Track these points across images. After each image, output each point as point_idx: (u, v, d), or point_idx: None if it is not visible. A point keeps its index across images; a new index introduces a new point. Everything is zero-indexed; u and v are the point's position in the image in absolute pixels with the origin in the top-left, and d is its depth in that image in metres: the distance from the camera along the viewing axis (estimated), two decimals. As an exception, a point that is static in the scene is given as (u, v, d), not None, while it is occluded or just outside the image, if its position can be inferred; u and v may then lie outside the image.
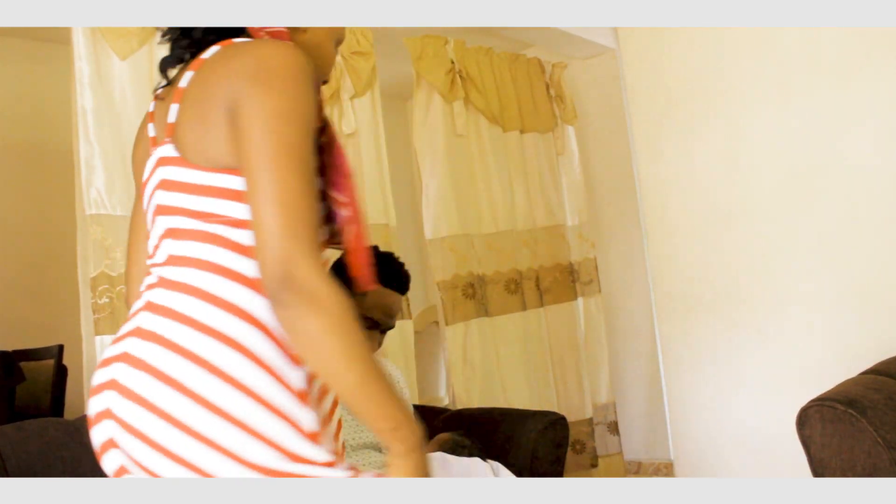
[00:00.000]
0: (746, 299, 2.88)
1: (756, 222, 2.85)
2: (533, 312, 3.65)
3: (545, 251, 3.77)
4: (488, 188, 3.52)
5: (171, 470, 1.03)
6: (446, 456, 1.83)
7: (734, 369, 2.91)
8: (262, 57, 1.11)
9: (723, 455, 2.95)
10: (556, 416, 2.17)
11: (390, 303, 2.00)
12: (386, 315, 1.99)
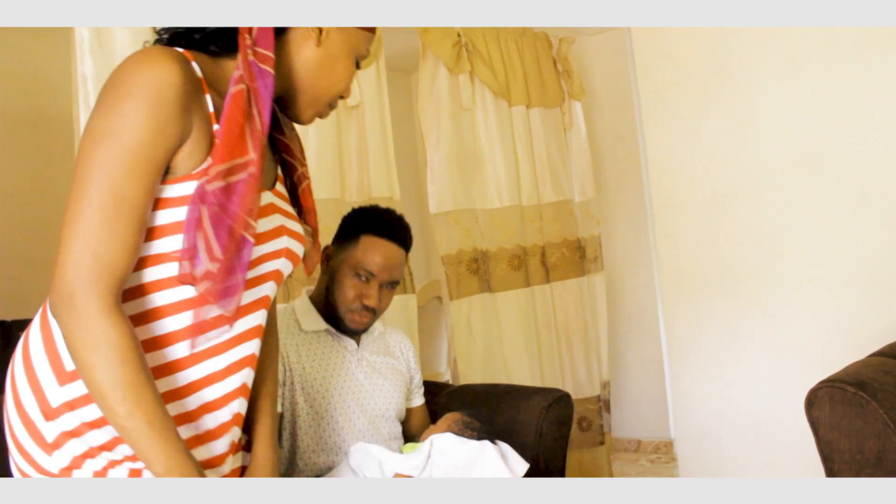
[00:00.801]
0: (753, 280, 2.85)
1: (764, 202, 2.81)
2: (538, 289, 3.63)
3: (552, 227, 3.74)
4: (493, 163, 3.48)
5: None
6: (455, 437, 1.80)
7: (739, 350, 2.89)
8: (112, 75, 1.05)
9: (724, 435, 2.93)
10: (561, 393, 2.15)
11: (386, 253, 1.92)
12: (383, 268, 1.91)
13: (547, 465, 2.05)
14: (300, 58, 1.21)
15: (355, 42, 1.25)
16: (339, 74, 1.24)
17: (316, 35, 1.20)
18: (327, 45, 1.21)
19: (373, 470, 1.76)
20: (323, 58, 1.21)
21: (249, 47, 1.10)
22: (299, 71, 1.21)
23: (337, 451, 1.87)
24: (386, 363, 2.04)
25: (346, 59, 1.24)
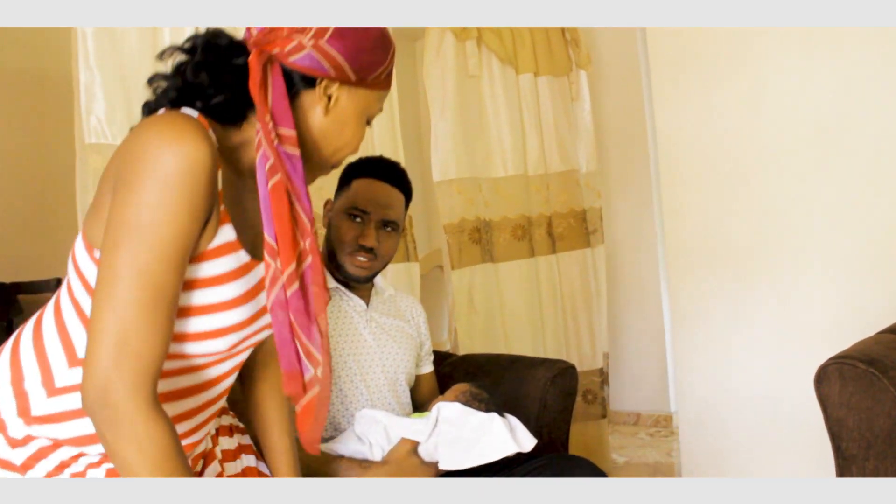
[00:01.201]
0: (761, 255, 2.81)
1: (775, 177, 2.77)
2: (543, 259, 3.60)
3: (559, 197, 3.70)
4: (499, 131, 3.44)
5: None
6: (462, 407, 1.78)
7: (745, 326, 2.86)
8: (134, 145, 0.99)
9: (727, 410, 2.91)
10: (566, 365, 2.12)
11: (378, 191, 1.89)
12: (376, 206, 1.87)
13: (551, 437, 2.03)
14: (307, 125, 1.15)
15: (366, 104, 1.19)
16: (348, 139, 1.20)
17: (325, 102, 1.15)
18: (336, 111, 1.16)
19: (378, 436, 1.74)
20: (332, 124, 1.16)
21: (272, 130, 1.06)
22: (306, 138, 1.16)
23: (343, 412, 1.84)
24: (396, 326, 2.02)
25: (356, 123, 1.19)
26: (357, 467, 1.68)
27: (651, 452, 3.88)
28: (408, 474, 1.69)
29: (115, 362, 0.95)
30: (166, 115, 1.03)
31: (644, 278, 4.44)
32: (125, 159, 0.99)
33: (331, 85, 1.14)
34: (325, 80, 1.13)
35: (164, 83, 1.12)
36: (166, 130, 0.98)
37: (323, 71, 1.11)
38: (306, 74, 1.11)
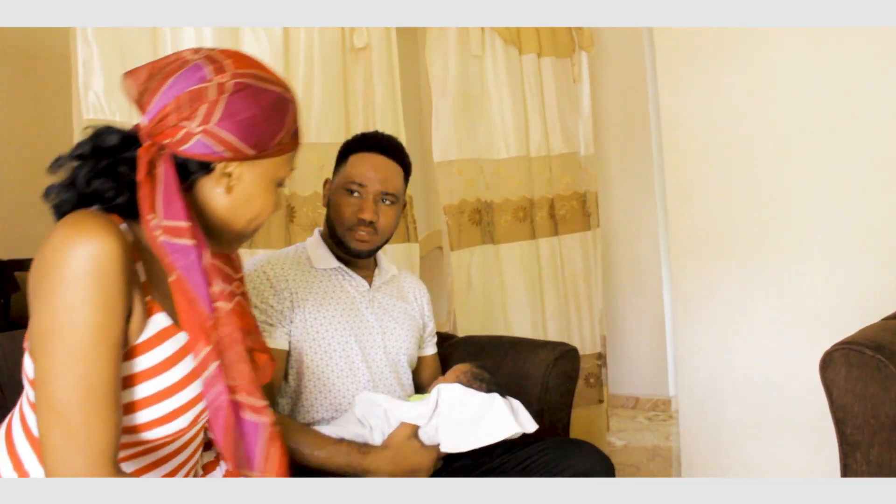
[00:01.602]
0: (764, 240, 2.79)
1: (780, 160, 2.75)
2: (545, 241, 3.58)
3: (561, 179, 3.68)
4: (501, 112, 3.41)
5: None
6: (463, 388, 1.76)
7: (747, 310, 2.84)
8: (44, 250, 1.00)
9: (728, 395, 2.90)
10: (568, 347, 2.10)
11: (375, 164, 1.86)
12: (373, 179, 1.84)
13: (552, 420, 2.01)
14: (212, 207, 1.16)
15: (272, 173, 1.18)
16: (259, 210, 1.19)
17: (226, 182, 1.14)
18: (240, 188, 1.15)
19: (378, 419, 1.73)
20: (238, 201, 1.16)
21: (157, 227, 1.05)
22: (215, 218, 1.17)
23: (345, 392, 1.82)
24: (398, 307, 2.00)
25: (264, 193, 1.18)
26: (356, 452, 1.66)
27: (649, 436, 3.88)
28: (408, 458, 1.68)
29: (66, 460, 0.97)
30: (73, 217, 1.03)
31: (644, 262, 4.43)
32: (37, 266, 1.00)
33: (228, 165, 1.13)
34: (222, 161, 1.12)
35: (62, 195, 1.10)
36: (72, 232, 0.99)
37: (217, 154, 1.10)
38: (205, 161, 1.11)
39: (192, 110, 1.08)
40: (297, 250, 1.94)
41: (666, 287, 4.32)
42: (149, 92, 1.11)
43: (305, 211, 2.61)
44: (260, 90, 1.12)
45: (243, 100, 1.10)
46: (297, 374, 1.81)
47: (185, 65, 1.10)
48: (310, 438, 1.67)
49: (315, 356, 1.81)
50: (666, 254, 4.29)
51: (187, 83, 1.08)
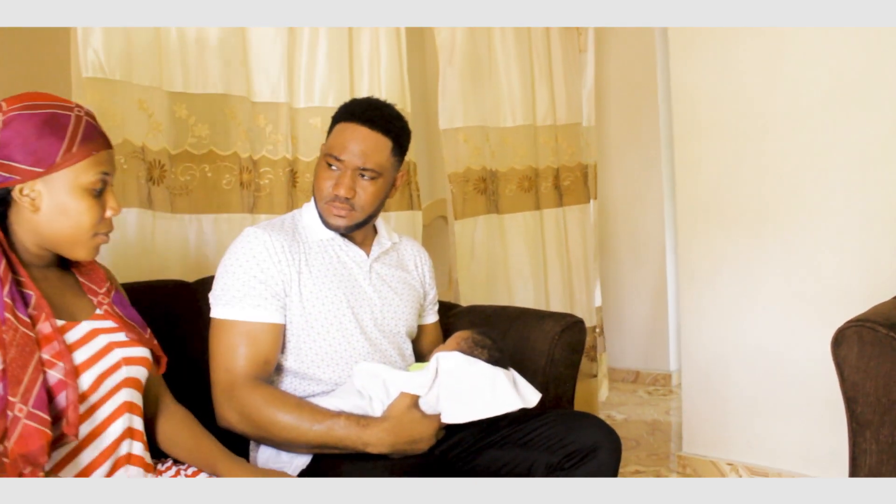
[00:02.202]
0: (774, 214, 2.75)
1: (792, 133, 2.69)
2: (549, 212, 3.55)
3: (567, 150, 3.64)
4: (509, 81, 3.36)
5: None
6: (462, 356, 1.72)
7: (755, 285, 2.81)
8: None
9: (733, 370, 2.87)
10: (575, 319, 2.06)
11: (356, 137, 1.75)
12: (352, 153, 1.74)
13: (557, 393, 1.98)
14: (32, 225, 1.30)
15: (72, 182, 1.29)
16: (77, 217, 1.30)
17: (28, 202, 1.27)
18: (45, 204, 1.28)
19: (378, 390, 1.69)
20: (48, 216, 1.29)
21: None
22: (41, 232, 1.30)
23: (343, 366, 1.78)
24: (398, 277, 1.94)
25: (73, 201, 1.29)
26: (355, 425, 1.63)
27: (650, 410, 3.87)
28: (408, 429, 1.65)
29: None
30: None
31: (647, 235, 4.39)
32: None
33: (23, 187, 1.26)
34: (16, 186, 1.26)
35: None
36: None
37: (10, 180, 1.25)
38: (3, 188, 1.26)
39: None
40: (294, 218, 1.88)
41: (670, 260, 4.28)
42: None
43: (308, 176, 2.56)
44: (28, 116, 1.25)
45: (12, 129, 1.24)
46: (294, 348, 1.77)
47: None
48: (307, 413, 1.63)
49: (312, 330, 1.76)
50: (671, 226, 4.24)
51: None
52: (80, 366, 1.29)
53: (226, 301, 1.71)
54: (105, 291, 1.44)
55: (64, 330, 1.30)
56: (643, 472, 3.05)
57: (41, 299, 1.27)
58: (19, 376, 1.18)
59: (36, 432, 1.16)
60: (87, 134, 1.30)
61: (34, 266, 1.34)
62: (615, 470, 1.71)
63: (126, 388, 1.37)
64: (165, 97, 2.26)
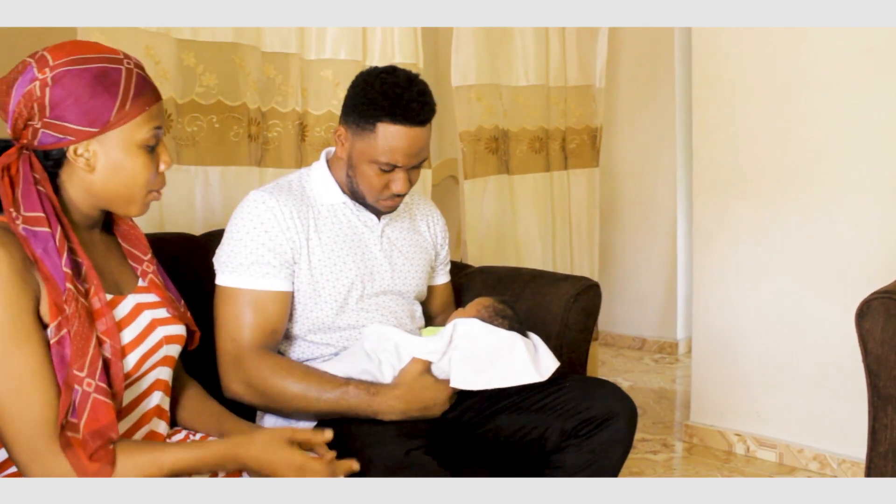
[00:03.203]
0: (794, 180, 2.69)
1: (815, 98, 2.62)
2: (557, 174, 3.49)
3: (575, 112, 3.57)
4: (523, 38, 3.27)
5: None
6: (482, 323, 1.67)
7: (771, 253, 2.75)
8: None
9: (744, 339, 2.83)
10: (590, 282, 2.01)
11: (409, 140, 1.66)
12: (408, 156, 1.67)
13: (570, 357, 1.94)
14: (86, 185, 1.27)
15: (126, 140, 1.25)
16: (131, 175, 1.27)
17: (84, 162, 1.24)
18: (100, 164, 1.25)
19: (389, 354, 1.64)
20: (104, 175, 1.26)
21: (17, 218, 1.17)
22: (96, 192, 1.28)
23: (351, 332, 1.74)
24: (409, 239, 1.89)
25: (128, 160, 1.26)
26: (365, 393, 1.59)
27: (656, 378, 3.84)
28: (420, 395, 1.61)
29: (13, 442, 1.12)
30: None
31: (657, 199, 4.32)
32: None
33: (77, 147, 1.23)
34: (70, 146, 1.22)
35: None
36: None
37: (64, 140, 1.22)
38: (57, 149, 1.23)
39: (30, 109, 1.20)
40: (301, 179, 1.81)
41: (680, 226, 4.22)
42: (5, 103, 1.24)
43: (318, 131, 2.50)
44: (78, 72, 1.21)
45: (63, 87, 1.20)
46: (302, 314, 1.72)
47: (23, 69, 1.22)
48: (315, 382, 1.60)
49: (319, 298, 1.71)
50: (684, 192, 4.18)
51: (22, 87, 1.21)
52: (126, 346, 1.27)
53: (232, 268, 1.66)
54: (149, 259, 1.42)
55: (113, 305, 1.28)
56: (649, 440, 3.02)
57: (91, 269, 1.23)
58: (84, 349, 1.16)
59: (104, 406, 1.16)
60: (139, 88, 1.26)
61: (82, 229, 1.31)
62: (630, 438, 1.68)
63: (162, 366, 1.36)
64: (173, 44, 2.18)
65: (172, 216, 2.20)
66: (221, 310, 1.66)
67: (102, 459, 1.14)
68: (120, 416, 1.27)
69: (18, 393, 1.12)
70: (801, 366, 2.70)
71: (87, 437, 1.13)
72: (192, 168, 2.26)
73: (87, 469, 1.12)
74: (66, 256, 1.18)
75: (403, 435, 1.52)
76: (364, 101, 1.68)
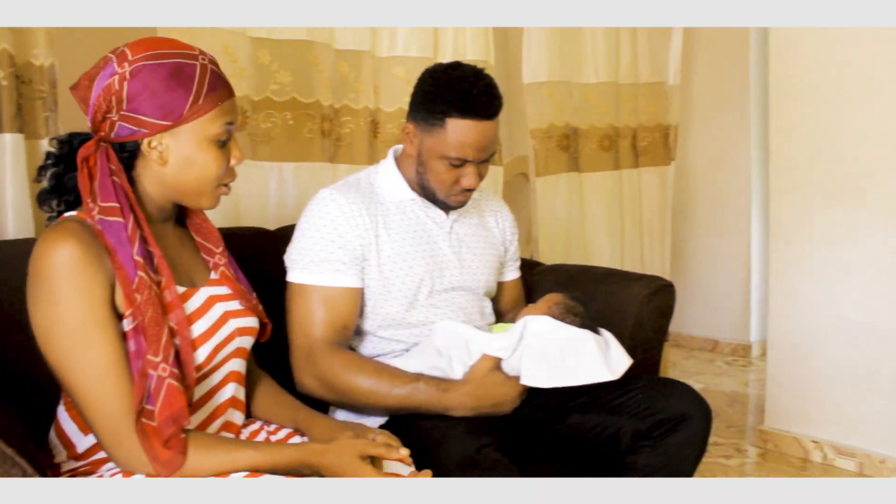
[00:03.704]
0: (875, 180, 2.59)
1: None
2: (626, 173, 3.46)
3: (646, 109, 3.53)
4: (593, 34, 3.24)
5: None
6: (553, 321, 1.66)
7: (850, 255, 2.66)
8: (29, 266, 1.19)
9: (822, 343, 2.75)
10: (664, 282, 1.97)
11: (478, 134, 1.66)
12: (478, 150, 1.67)
13: (643, 358, 1.90)
14: (159, 178, 1.29)
15: (199, 134, 1.27)
16: (202, 168, 1.29)
17: (157, 155, 1.26)
18: (172, 157, 1.27)
19: (459, 350, 1.64)
20: (175, 168, 1.28)
21: (94, 208, 1.21)
22: (168, 185, 1.30)
23: (421, 328, 1.74)
24: (478, 236, 1.88)
25: (200, 154, 1.28)
26: (436, 389, 1.59)
27: (728, 381, 3.76)
28: (490, 392, 1.60)
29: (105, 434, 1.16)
30: (44, 232, 1.22)
31: (731, 199, 4.22)
32: (28, 276, 1.19)
33: (151, 140, 1.26)
34: (144, 139, 1.25)
35: (49, 201, 1.31)
36: (40, 245, 1.19)
37: (139, 133, 1.24)
38: (132, 141, 1.25)
39: (108, 102, 1.23)
40: (370, 177, 1.82)
41: (755, 226, 4.12)
42: (86, 97, 1.28)
43: (390, 127, 2.51)
44: (154, 67, 1.23)
45: (140, 81, 1.22)
46: (372, 311, 1.73)
47: (104, 64, 1.26)
48: (387, 377, 1.61)
49: (389, 294, 1.72)
50: (758, 191, 4.08)
51: (103, 80, 1.24)
52: (197, 339, 1.29)
53: (303, 265, 1.68)
54: (221, 252, 1.45)
55: (185, 298, 1.30)
56: (722, 444, 2.96)
57: (162, 260, 1.26)
58: (157, 335, 1.19)
59: (177, 391, 1.18)
60: (213, 84, 1.28)
61: (156, 221, 1.34)
62: (705, 441, 1.64)
63: (235, 358, 1.38)
64: (249, 42, 2.22)
65: (247, 211, 2.24)
66: (293, 306, 1.68)
67: (175, 447, 1.16)
68: (195, 408, 1.30)
69: (98, 383, 1.15)
70: (883, 372, 2.61)
71: (162, 423, 1.15)
72: (267, 164, 2.30)
73: (161, 456, 1.15)
74: (137, 245, 1.21)
75: (475, 431, 1.51)
76: (432, 97, 1.69)
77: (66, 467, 1.27)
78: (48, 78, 1.80)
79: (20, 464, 0.99)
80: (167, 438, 1.16)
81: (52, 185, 1.30)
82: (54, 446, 1.29)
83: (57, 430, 1.30)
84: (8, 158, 1.73)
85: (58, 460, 1.28)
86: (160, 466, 1.15)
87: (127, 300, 1.18)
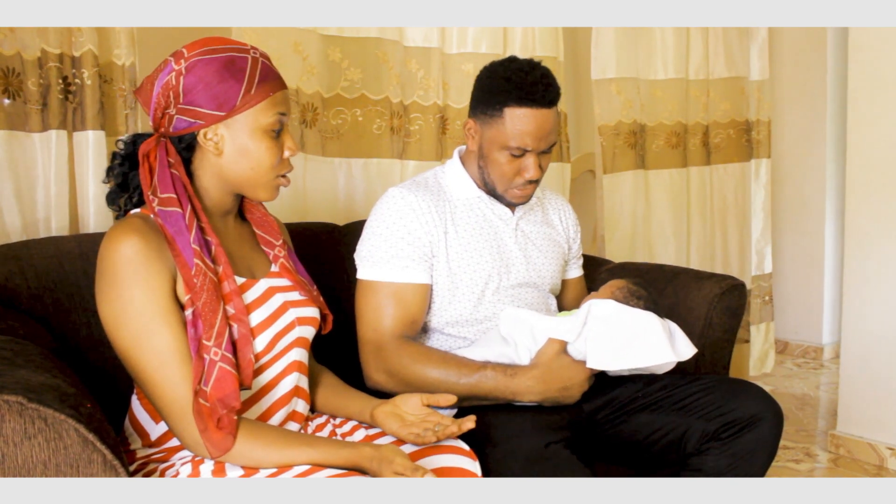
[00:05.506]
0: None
1: None
2: (695, 170, 3.40)
3: (719, 105, 3.46)
4: (662, 30, 3.19)
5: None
6: (617, 306, 1.65)
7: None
8: (98, 260, 1.26)
9: (893, 346, 2.66)
10: (736, 282, 1.94)
11: (537, 122, 1.66)
12: (537, 139, 1.67)
13: (713, 359, 1.88)
14: (216, 169, 1.34)
15: (252, 125, 1.31)
16: (257, 160, 1.33)
17: (212, 146, 1.31)
18: (227, 147, 1.32)
19: (524, 336, 1.64)
20: (231, 159, 1.32)
21: (154, 199, 1.27)
22: (225, 176, 1.35)
23: (487, 324, 1.75)
24: (543, 233, 1.88)
25: (253, 144, 1.32)
26: (503, 375, 1.59)
27: (798, 383, 3.67)
28: (558, 375, 1.60)
29: (175, 420, 1.22)
30: (111, 228, 1.27)
31: (806, 197, 4.12)
32: (96, 269, 1.26)
33: (207, 131, 1.31)
34: (200, 130, 1.30)
35: (117, 199, 1.37)
36: (106, 240, 1.25)
37: (195, 125, 1.30)
38: (189, 133, 1.31)
39: (167, 98, 1.29)
40: (437, 176, 1.83)
41: (829, 225, 4.01)
42: (148, 98, 1.33)
43: (458, 124, 2.52)
44: (208, 61, 1.29)
45: (195, 75, 1.28)
46: (440, 307, 1.74)
47: (163, 66, 1.32)
48: (454, 367, 1.62)
49: (457, 290, 1.73)
50: (834, 189, 3.97)
51: (162, 79, 1.30)
52: (256, 328, 1.32)
53: (373, 262, 1.70)
54: (280, 244, 1.48)
55: (244, 289, 1.34)
56: (791, 448, 2.90)
57: (220, 248, 1.30)
58: (212, 320, 1.23)
59: (229, 375, 1.22)
60: (264, 75, 1.32)
61: (215, 215, 1.38)
62: (776, 444, 1.61)
63: (297, 347, 1.40)
64: (319, 40, 2.25)
65: (316, 206, 2.27)
66: (363, 302, 1.71)
67: (226, 429, 1.21)
68: (257, 397, 1.35)
69: (162, 369, 1.20)
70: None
71: (213, 404, 1.19)
72: (336, 160, 2.33)
73: (213, 436, 1.19)
74: (194, 233, 1.26)
75: (543, 427, 1.51)
76: (489, 89, 1.71)
77: (141, 454, 1.31)
78: (129, 77, 1.87)
79: (101, 450, 1.02)
80: (218, 419, 1.20)
81: (118, 184, 1.37)
82: (129, 434, 1.34)
83: (131, 419, 1.35)
84: (91, 154, 1.79)
85: (133, 447, 1.32)
86: (212, 446, 1.19)
87: (186, 286, 1.23)
